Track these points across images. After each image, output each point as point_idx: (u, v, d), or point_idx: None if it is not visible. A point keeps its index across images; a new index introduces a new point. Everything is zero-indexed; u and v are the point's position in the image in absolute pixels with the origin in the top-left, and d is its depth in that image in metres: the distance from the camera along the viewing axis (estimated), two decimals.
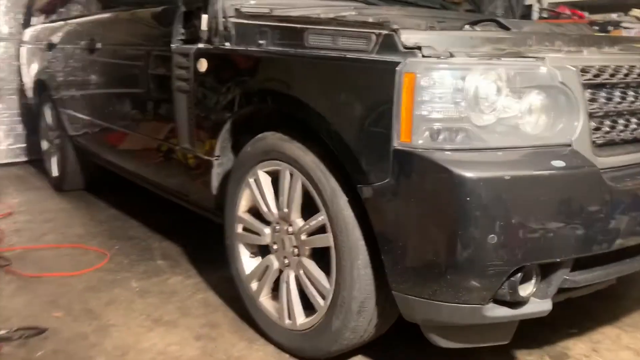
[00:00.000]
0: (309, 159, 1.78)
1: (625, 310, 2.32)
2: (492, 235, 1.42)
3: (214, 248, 2.83)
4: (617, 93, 1.66)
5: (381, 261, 1.61)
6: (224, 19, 2.19)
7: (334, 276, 1.75)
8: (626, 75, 1.68)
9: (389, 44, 1.57)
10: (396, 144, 1.51)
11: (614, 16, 4.31)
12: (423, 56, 1.50)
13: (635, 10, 4.04)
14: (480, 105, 1.50)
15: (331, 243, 1.74)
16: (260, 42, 2.02)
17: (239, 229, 2.16)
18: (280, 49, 1.93)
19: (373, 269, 1.68)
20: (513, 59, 1.53)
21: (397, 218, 1.53)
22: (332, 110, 1.68)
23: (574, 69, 1.56)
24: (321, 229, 1.79)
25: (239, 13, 2.19)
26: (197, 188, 2.46)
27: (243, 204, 2.13)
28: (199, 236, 3.18)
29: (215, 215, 2.44)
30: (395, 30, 1.56)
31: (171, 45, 2.40)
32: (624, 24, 3.77)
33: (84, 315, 2.32)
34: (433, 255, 1.49)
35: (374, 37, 1.61)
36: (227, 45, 2.16)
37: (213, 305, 2.40)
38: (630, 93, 1.69)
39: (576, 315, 2.23)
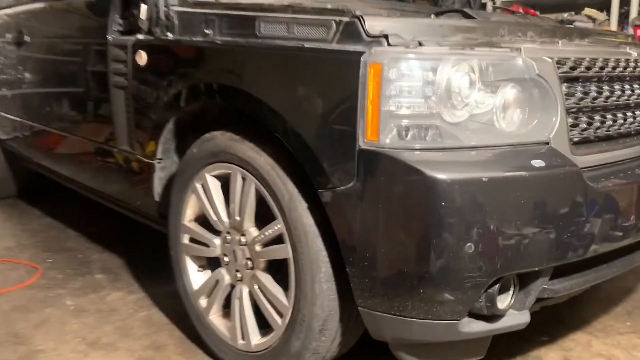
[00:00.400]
0: (264, 161, 1.60)
1: (594, 314, 2.24)
2: (470, 243, 1.28)
3: (159, 259, 2.58)
4: (593, 87, 1.56)
5: (346, 274, 1.45)
6: (165, 8, 1.97)
7: (293, 292, 1.57)
8: (601, 68, 1.58)
9: (351, 32, 1.41)
10: (362, 143, 1.35)
11: (565, 15, 4.33)
12: (389, 45, 1.35)
13: (588, 9, 4.06)
14: (453, 99, 1.36)
15: (289, 255, 1.56)
16: (207, 32, 1.82)
17: (185, 239, 1.94)
18: (229, 39, 1.74)
19: (337, 283, 1.51)
20: (487, 49, 1.40)
21: (363, 226, 1.37)
22: (288, 106, 1.50)
23: (550, 60, 1.44)
24: (278, 239, 1.61)
25: (182, 1, 1.98)
26: (138, 194, 2.23)
27: (189, 212, 1.92)
28: (143, 246, 2.93)
29: (159, 224, 2.23)
30: (358, 17, 1.40)
31: (107, 36, 2.17)
32: (576, 23, 3.75)
33: (10, 340, 2.05)
34: (404, 266, 1.33)
35: (334, 25, 1.44)
36: (170, 35, 1.95)
37: (157, 324, 2.17)
38: (606, 88, 1.59)
39: (546, 321, 2.13)
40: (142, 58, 1.99)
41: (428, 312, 1.36)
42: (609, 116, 1.60)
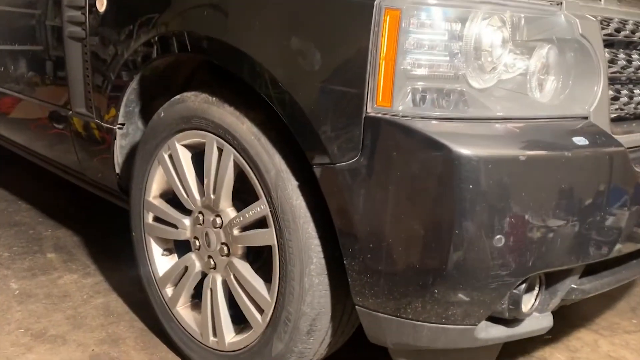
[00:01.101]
0: (246, 129, 1.33)
1: (599, 312, 2.06)
2: (500, 235, 1.04)
3: (120, 239, 2.30)
4: (636, 55, 1.33)
5: (341, 266, 1.21)
6: None
7: (277, 285, 1.32)
8: None
9: None
10: (370, 109, 1.09)
11: None
12: None
13: None
14: (482, 60, 1.11)
15: (274, 242, 1.31)
16: None
17: (149, 218, 1.67)
18: None
19: (329, 276, 1.27)
20: (525, 0, 1.15)
21: (367, 210, 1.12)
22: (278, 60, 1.23)
23: (593, 19, 1.21)
24: (261, 223, 1.35)
25: None
26: (96, 165, 1.93)
27: (154, 187, 1.64)
28: (103, 223, 2.64)
29: (121, 199, 1.94)
30: None
31: None
32: None
33: None
34: (416, 261, 1.09)
35: None
36: None
37: (115, 313, 1.90)
38: None
39: None
40: (102, 3, 1.69)
41: (441, 316, 1.13)
42: None
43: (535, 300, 1.21)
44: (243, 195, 1.44)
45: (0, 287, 2.05)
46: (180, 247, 1.67)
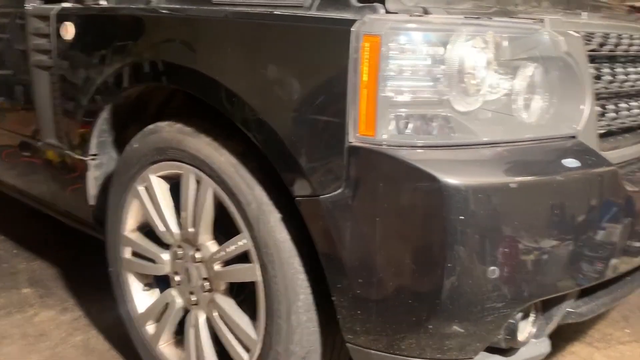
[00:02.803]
0: (224, 160, 1.27)
1: (592, 323, 2.03)
2: (493, 267, 1.00)
3: (98, 270, 2.22)
4: (619, 69, 1.30)
5: (330, 301, 1.15)
6: None
7: (263, 323, 1.26)
8: (629, 46, 1.33)
9: None
10: (352, 138, 1.04)
11: None
12: (388, 12, 1.04)
13: None
14: (465, 82, 1.07)
15: (258, 278, 1.25)
16: None
17: (127, 253, 1.60)
18: (176, 6, 1.40)
19: (318, 312, 1.22)
20: (507, 19, 1.12)
21: (354, 244, 1.07)
22: (255, 90, 1.17)
23: (578, 35, 1.18)
24: (243, 257, 1.29)
25: None
26: (69, 197, 1.86)
27: (130, 221, 1.58)
28: (79, 252, 2.54)
29: (96, 231, 1.87)
30: None
31: (25, 5, 1.78)
32: None
33: None
34: (408, 296, 1.04)
35: None
36: (103, 3, 1.58)
37: (96, 351, 1.82)
38: (631, 69, 1.34)
39: None
40: (68, 31, 1.62)
41: (437, 351, 1.08)
42: (633, 103, 1.36)
43: (532, 327, 1.17)
44: (224, 226, 1.38)
45: None
46: (162, 281, 1.60)
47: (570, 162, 1.07)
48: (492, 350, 1.16)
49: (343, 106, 1.04)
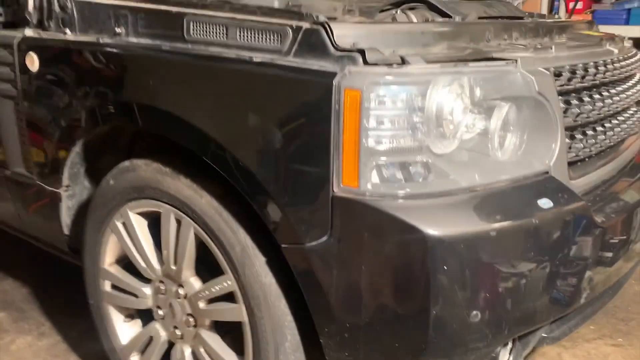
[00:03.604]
0: (205, 202, 1.27)
1: None
2: (475, 311, 1.04)
3: (71, 287, 2.19)
4: (587, 99, 1.35)
5: (317, 340, 1.18)
6: None
7: None
8: (594, 75, 1.37)
9: (314, 42, 1.10)
10: (337, 189, 1.06)
11: None
12: (367, 63, 1.05)
13: None
14: (443, 127, 1.09)
15: (244, 318, 1.26)
16: (118, 30, 1.43)
17: (106, 286, 1.59)
18: (147, 41, 1.37)
19: (306, 352, 1.25)
20: (481, 63, 1.14)
21: (341, 291, 1.09)
22: (237, 138, 1.17)
23: (548, 73, 1.21)
24: (228, 296, 1.30)
25: None
26: (41, 226, 1.82)
27: (109, 254, 1.56)
28: (50, 269, 2.50)
29: (72, 257, 1.84)
30: (322, 24, 1.09)
31: None
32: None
33: None
34: (396, 341, 1.08)
35: (289, 33, 1.13)
36: (68, 33, 1.54)
37: None
38: (597, 97, 1.39)
39: None
40: (32, 62, 1.57)
41: None
42: (599, 128, 1.41)
43: (510, 355, 1.22)
44: (206, 262, 1.38)
45: None
46: (143, 311, 1.60)
47: (544, 203, 1.12)
48: None
49: (327, 157, 1.06)
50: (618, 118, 1.52)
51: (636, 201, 1.42)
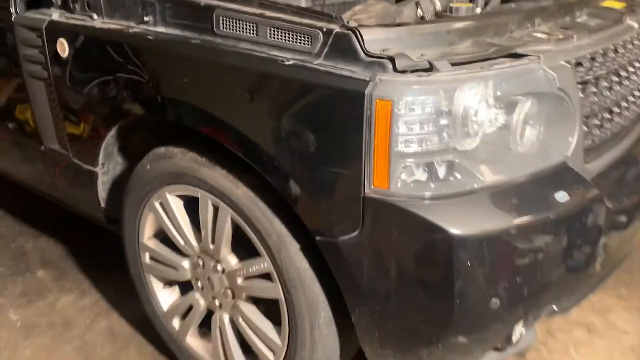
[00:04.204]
0: (241, 193, 1.36)
1: None
2: (495, 299, 1.15)
3: (103, 246, 2.33)
4: (605, 83, 1.39)
5: (347, 315, 1.30)
6: None
7: (287, 333, 1.42)
8: (614, 60, 1.41)
9: (344, 47, 1.14)
10: (368, 190, 1.14)
11: None
12: (396, 70, 1.10)
13: None
14: (469, 127, 1.15)
15: (281, 296, 1.39)
16: (145, 18, 1.47)
17: (146, 258, 1.71)
18: (176, 32, 1.41)
19: (337, 326, 1.37)
20: (505, 63, 1.18)
21: (371, 279, 1.20)
22: (270, 138, 1.24)
23: (569, 66, 1.25)
24: (265, 275, 1.42)
25: None
26: (78, 198, 1.93)
27: (147, 230, 1.67)
28: (83, 227, 2.61)
29: (108, 225, 1.95)
30: (353, 30, 1.13)
31: (11, 11, 1.73)
32: None
33: None
34: (422, 324, 1.20)
35: (320, 36, 1.17)
36: (95, 18, 1.57)
37: (122, 337, 1.98)
38: (615, 80, 1.43)
39: None
40: (64, 49, 1.61)
41: (443, 359, 1.26)
42: (616, 110, 1.46)
43: (523, 329, 1.34)
44: (243, 240, 1.48)
45: (0, 319, 2.08)
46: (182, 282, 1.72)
47: (561, 197, 1.19)
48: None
49: (359, 161, 1.13)
50: (634, 95, 1.56)
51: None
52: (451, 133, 1.14)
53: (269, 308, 1.51)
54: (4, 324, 2.05)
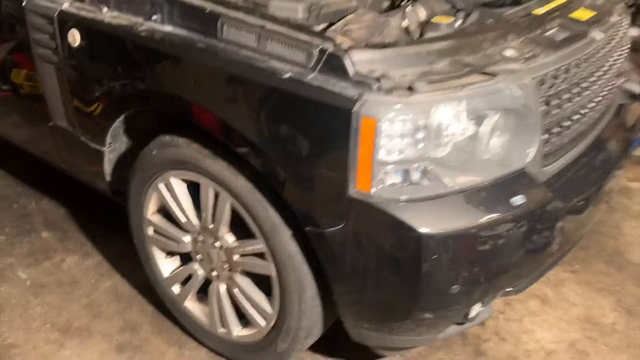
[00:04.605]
0: (241, 184, 1.53)
1: None
2: (455, 286, 1.37)
3: (103, 203, 2.47)
4: (566, 95, 1.57)
5: (330, 292, 1.52)
6: None
7: (278, 304, 1.63)
8: (575, 74, 1.58)
9: (336, 65, 1.30)
10: (352, 192, 1.33)
11: None
12: (381, 90, 1.26)
13: None
14: (441, 139, 1.33)
15: (273, 273, 1.59)
16: (154, 16, 1.59)
17: (150, 231, 1.90)
18: (182, 32, 1.54)
19: (321, 299, 1.58)
20: (476, 83, 1.34)
21: (352, 265, 1.40)
22: (265, 139, 1.41)
23: (533, 84, 1.42)
24: (259, 255, 1.62)
25: None
26: (85, 171, 2.08)
27: (152, 206, 1.85)
28: (86, 191, 2.73)
29: (113, 196, 2.12)
30: (345, 52, 1.28)
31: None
32: None
33: None
34: (392, 303, 1.42)
35: (315, 53, 1.32)
36: (105, 10, 1.68)
37: (125, 297, 2.18)
38: (575, 90, 1.61)
39: None
40: (75, 39, 1.73)
41: (412, 332, 1.49)
42: (575, 117, 1.64)
43: (480, 307, 1.57)
44: (240, 221, 1.66)
45: (10, 278, 2.26)
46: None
47: (517, 200, 1.39)
48: None
49: (345, 166, 1.31)
50: (593, 102, 1.74)
51: (598, 175, 1.69)
52: (426, 144, 1.32)
53: (260, 279, 1.71)
54: (15, 283, 2.23)
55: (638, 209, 2.84)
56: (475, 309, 1.55)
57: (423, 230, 1.29)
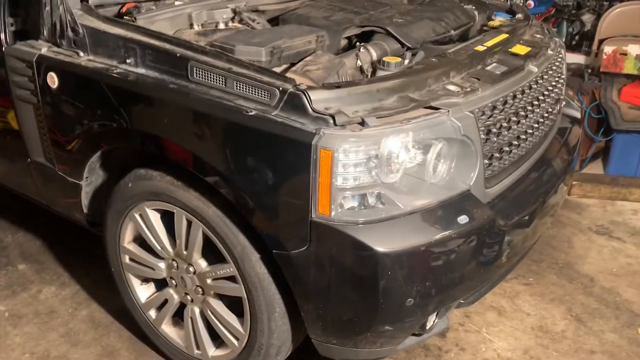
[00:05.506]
0: (212, 212, 1.66)
1: None
2: (410, 299, 1.51)
3: (79, 238, 2.57)
4: (504, 124, 1.74)
5: (298, 310, 1.64)
6: (70, 17, 1.80)
7: (249, 324, 1.74)
8: (512, 105, 1.76)
9: (296, 104, 1.44)
10: (314, 215, 1.46)
11: None
12: (336, 124, 1.42)
13: None
14: (392, 165, 1.49)
15: (244, 295, 1.71)
16: (127, 60, 1.72)
17: (126, 259, 2.00)
18: (155, 74, 1.67)
19: (290, 317, 1.71)
20: (421, 117, 1.51)
21: (316, 284, 1.53)
22: (234, 171, 1.54)
23: (472, 115, 1.59)
24: (230, 278, 1.73)
25: (87, 10, 1.82)
26: (62, 204, 2.17)
27: (127, 236, 1.95)
28: (61, 223, 2.83)
29: (90, 227, 2.21)
30: (303, 91, 1.43)
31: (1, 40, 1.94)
32: None
33: None
34: (354, 318, 1.55)
35: (277, 93, 1.47)
36: (81, 55, 1.81)
37: (102, 324, 2.27)
38: (514, 119, 1.78)
39: None
40: (54, 82, 1.84)
41: (374, 344, 1.62)
42: (515, 142, 1.82)
43: (435, 318, 1.71)
44: (213, 248, 1.78)
45: None
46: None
47: (462, 219, 1.55)
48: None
49: (307, 193, 1.45)
50: (533, 127, 1.92)
51: (542, 192, 1.87)
52: (378, 171, 1.47)
53: (232, 301, 1.83)
54: None
55: (587, 223, 3.05)
56: (431, 320, 1.70)
57: (379, 249, 1.44)
